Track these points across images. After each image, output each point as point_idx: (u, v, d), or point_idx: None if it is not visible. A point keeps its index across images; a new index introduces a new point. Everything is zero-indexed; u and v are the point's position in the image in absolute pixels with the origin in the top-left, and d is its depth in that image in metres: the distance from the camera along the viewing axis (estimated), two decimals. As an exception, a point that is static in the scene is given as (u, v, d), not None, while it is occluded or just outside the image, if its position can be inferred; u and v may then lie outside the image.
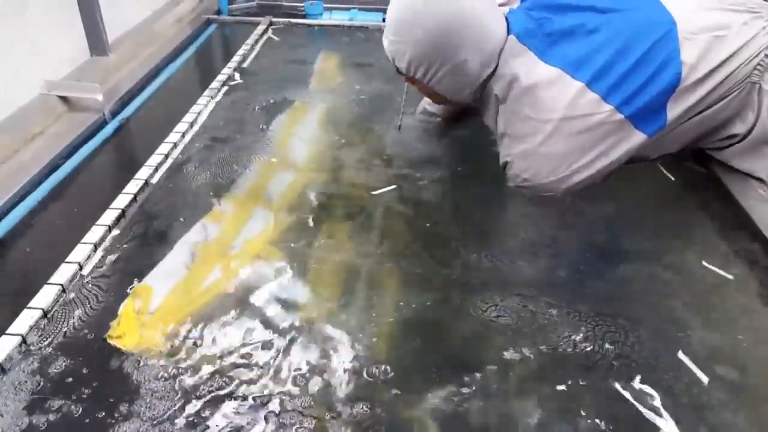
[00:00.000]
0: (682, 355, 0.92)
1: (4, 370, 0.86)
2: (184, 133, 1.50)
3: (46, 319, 0.95)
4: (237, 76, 1.87)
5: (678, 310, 1.00)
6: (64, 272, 1.03)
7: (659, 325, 0.97)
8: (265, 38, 2.21)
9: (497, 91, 1.20)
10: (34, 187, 1.29)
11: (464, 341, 0.94)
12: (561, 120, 1.11)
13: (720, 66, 1.11)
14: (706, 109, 1.16)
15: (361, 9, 2.48)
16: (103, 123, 1.57)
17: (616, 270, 1.09)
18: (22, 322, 0.93)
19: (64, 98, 1.53)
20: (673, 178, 1.36)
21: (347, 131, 1.56)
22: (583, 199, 1.23)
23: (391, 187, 1.31)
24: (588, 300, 1.02)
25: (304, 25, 2.36)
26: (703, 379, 0.88)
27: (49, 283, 1.00)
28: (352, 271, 1.07)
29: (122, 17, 1.93)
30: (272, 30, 2.29)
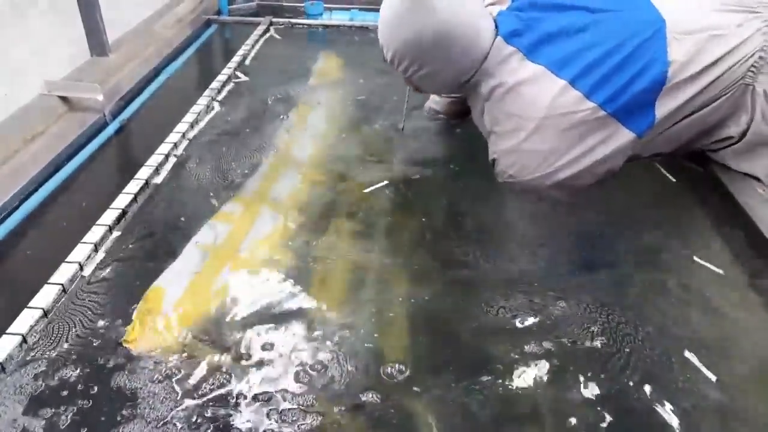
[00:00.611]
0: (688, 354, 0.92)
1: (5, 370, 0.86)
2: (185, 133, 1.50)
3: (46, 319, 0.95)
4: (240, 75, 1.87)
5: (678, 310, 1.00)
6: (64, 272, 1.03)
7: (660, 325, 0.97)
8: (265, 38, 2.21)
9: (483, 89, 1.20)
10: (35, 188, 1.29)
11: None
12: (544, 118, 1.11)
13: (711, 65, 1.11)
14: (698, 111, 1.16)
15: (361, 9, 2.48)
16: (104, 123, 1.57)
17: (615, 269, 1.09)
18: (22, 322, 0.93)
19: (64, 98, 1.52)
20: (673, 179, 1.36)
21: (347, 131, 1.57)
22: (582, 199, 1.23)
23: (384, 183, 1.33)
24: (587, 293, 1.03)
25: (304, 25, 2.36)
26: (711, 377, 0.88)
27: (50, 283, 1.00)
28: (357, 270, 1.08)
29: (122, 17, 1.93)
30: (273, 29, 2.29)
